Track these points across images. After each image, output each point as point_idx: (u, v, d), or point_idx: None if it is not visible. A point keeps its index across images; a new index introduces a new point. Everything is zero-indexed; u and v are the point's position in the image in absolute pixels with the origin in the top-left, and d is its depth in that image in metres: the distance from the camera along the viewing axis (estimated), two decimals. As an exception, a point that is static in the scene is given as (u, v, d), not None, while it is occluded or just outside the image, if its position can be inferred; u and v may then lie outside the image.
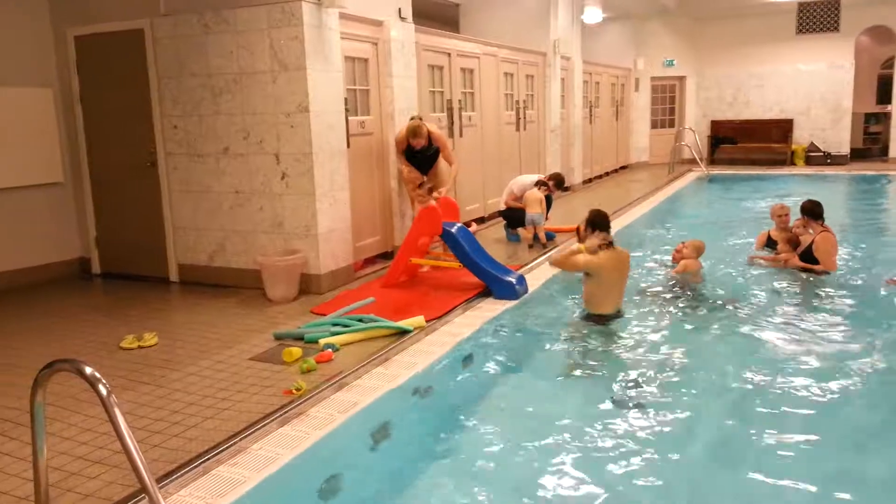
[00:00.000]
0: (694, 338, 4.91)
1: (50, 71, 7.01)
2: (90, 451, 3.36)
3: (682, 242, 6.55)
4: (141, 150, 6.70)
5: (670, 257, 6.71)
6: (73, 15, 6.86)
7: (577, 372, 4.36)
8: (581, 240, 5.45)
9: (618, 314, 5.17)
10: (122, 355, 4.71)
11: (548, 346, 4.84)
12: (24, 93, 6.73)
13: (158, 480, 2.98)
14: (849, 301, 5.62)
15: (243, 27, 6.01)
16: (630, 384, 4.12)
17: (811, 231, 6.52)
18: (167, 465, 3.17)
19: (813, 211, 6.50)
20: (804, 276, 6.25)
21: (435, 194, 6.85)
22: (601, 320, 5.07)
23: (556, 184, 8.49)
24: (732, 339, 4.88)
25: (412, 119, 6.87)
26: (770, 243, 7.09)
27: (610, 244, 5.12)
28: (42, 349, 4.87)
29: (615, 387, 4.10)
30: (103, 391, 2.34)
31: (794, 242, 6.59)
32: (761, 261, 6.74)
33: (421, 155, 6.91)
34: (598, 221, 5.21)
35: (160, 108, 6.53)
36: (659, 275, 6.50)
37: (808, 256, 6.34)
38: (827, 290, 5.93)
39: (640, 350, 4.65)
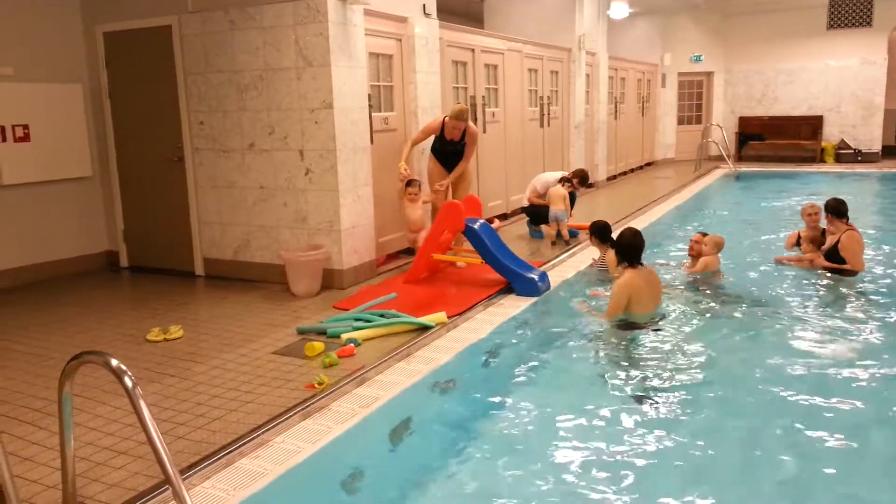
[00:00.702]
0: (719, 338, 4.85)
1: (79, 67, 7.13)
2: (116, 441, 3.42)
3: (701, 234, 6.42)
4: (168, 146, 6.78)
5: (688, 252, 6.58)
6: (102, 11, 6.96)
7: (600, 370, 4.33)
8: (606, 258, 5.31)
9: (653, 321, 5.05)
10: (148, 348, 4.78)
11: (569, 344, 4.82)
12: (54, 88, 6.84)
13: (182, 472, 3.02)
14: (879, 300, 5.52)
15: (269, 24, 6.05)
16: (654, 384, 4.09)
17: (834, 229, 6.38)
18: (191, 456, 3.22)
19: (837, 209, 6.36)
20: (831, 276, 6.15)
21: (437, 186, 6.85)
22: (634, 327, 4.97)
23: (580, 181, 8.45)
24: (758, 339, 4.81)
25: (458, 104, 6.84)
26: (800, 243, 6.98)
27: (631, 265, 5.04)
28: (69, 341, 4.97)
29: (638, 386, 4.07)
30: (129, 383, 2.38)
31: (818, 242, 6.46)
32: (788, 262, 6.63)
33: (451, 149, 6.89)
34: (626, 251, 5.06)
35: (187, 103, 6.60)
36: (680, 273, 6.42)
37: (835, 256, 6.23)
38: (855, 289, 5.84)
39: (665, 350, 4.60)
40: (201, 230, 6.80)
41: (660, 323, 5.03)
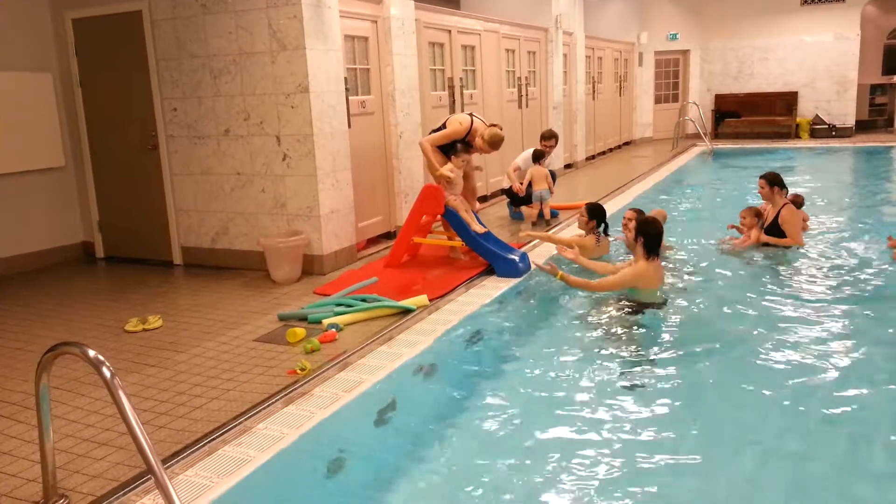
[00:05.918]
0: (690, 314, 4.89)
1: (49, 55, 6.98)
2: (97, 433, 3.39)
3: (634, 210, 6.06)
4: (142, 133, 6.69)
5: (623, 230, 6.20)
6: (70, -3, 6.82)
7: (583, 350, 4.35)
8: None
9: (664, 302, 4.98)
10: (127, 338, 4.74)
11: (549, 324, 4.85)
12: (23, 77, 6.70)
13: (164, 461, 3.01)
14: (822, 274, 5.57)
15: (241, 7, 5.96)
16: (641, 365, 4.12)
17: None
18: (173, 445, 3.20)
19: (775, 180, 6.30)
20: (779, 251, 6.11)
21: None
22: (644, 307, 4.91)
23: (555, 141, 8.69)
24: (727, 312, 4.86)
25: (494, 125, 6.36)
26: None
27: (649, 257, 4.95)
28: (46, 333, 4.90)
29: (616, 363, 4.10)
30: (107, 373, 2.36)
31: (761, 217, 6.36)
32: (732, 245, 6.44)
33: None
34: (652, 241, 4.94)
35: (160, 90, 6.50)
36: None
37: (774, 230, 6.17)
38: (806, 262, 5.85)
39: (647, 329, 4.64)
40: (178, 218, 6.72)
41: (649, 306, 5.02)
